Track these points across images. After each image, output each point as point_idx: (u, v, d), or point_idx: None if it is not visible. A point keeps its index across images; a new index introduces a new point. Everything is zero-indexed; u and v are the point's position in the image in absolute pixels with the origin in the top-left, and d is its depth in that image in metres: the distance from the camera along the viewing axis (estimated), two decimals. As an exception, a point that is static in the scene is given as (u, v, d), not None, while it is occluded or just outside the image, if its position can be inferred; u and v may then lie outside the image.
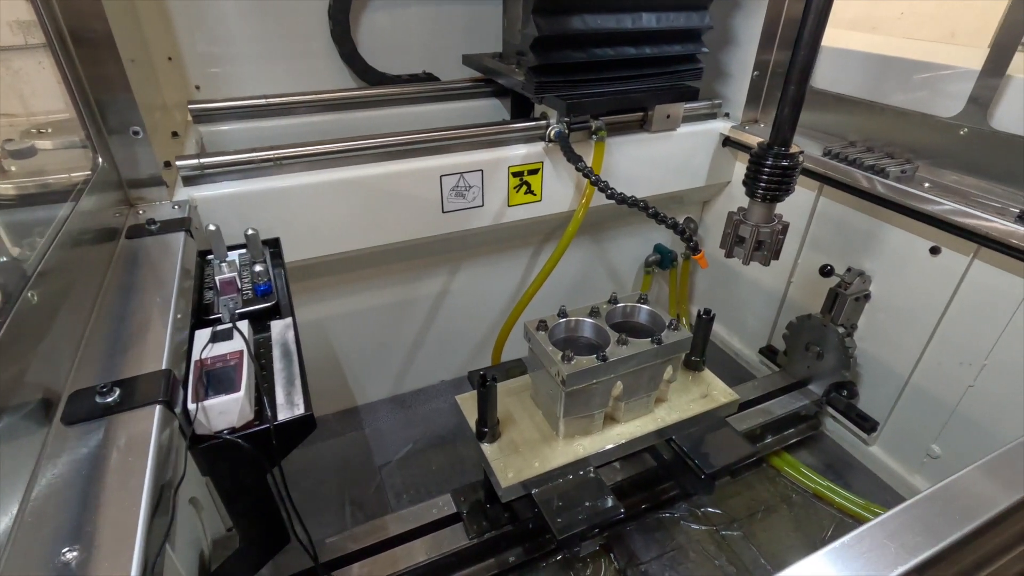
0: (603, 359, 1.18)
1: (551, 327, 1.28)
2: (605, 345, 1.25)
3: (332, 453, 1.83)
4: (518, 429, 1.32)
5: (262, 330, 1.02)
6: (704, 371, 1.50)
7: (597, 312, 1.32)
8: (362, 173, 1.49)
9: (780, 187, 1.26)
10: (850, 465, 1.76)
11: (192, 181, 1.37)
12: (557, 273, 2.02)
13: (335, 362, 1.89)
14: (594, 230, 2.11)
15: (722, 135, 1.94)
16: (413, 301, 1.91)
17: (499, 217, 1.73)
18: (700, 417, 1.38)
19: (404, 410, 2.00)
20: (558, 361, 1.18)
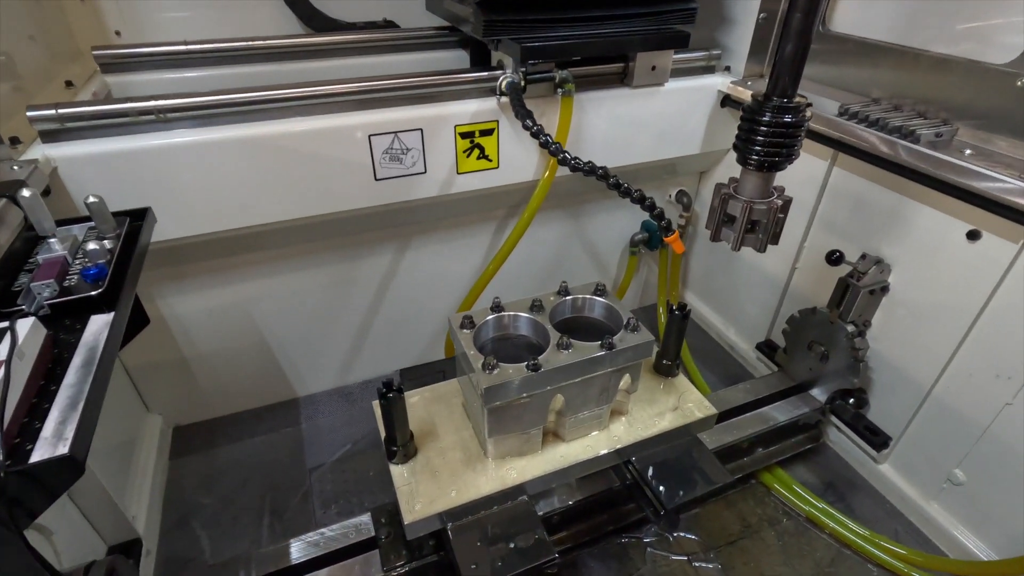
0: (534, 368, 0.93)
1: (478, 324, 1.03)
2: (545, 347, 0.99)
3: (260, 451, 1.62)
4: (440, 446, 1.08)
5: (75, 329, 0.78)
6: (678, 377, 1.24)
7: (539, 306, 1.06)
8: (269, 130, 1.24)
9: (780, 151, 0.98)
10: (854, 485, 1.50)
11: (52, 137, 1.13)
12: (526, 254, 1.76)
13: (266, 349, 1.67)
14: (570, 203, 1.83)
15: (720, 93, 1.64)
16: (356, 282, 1.67)
17: (447, 187, 1.46)
18: (668, 435, 1.13)
19: (348, 404, 1.78)
20: (478, 369, 0.93)
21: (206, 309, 1.53)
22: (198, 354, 1.59)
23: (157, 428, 1.61)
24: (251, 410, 1.74)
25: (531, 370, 0.93)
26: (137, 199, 1.10)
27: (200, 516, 1.45)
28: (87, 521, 1.16)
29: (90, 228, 0.97)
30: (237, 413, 1.74)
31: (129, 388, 1.56)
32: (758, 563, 1.34)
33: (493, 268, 1.54)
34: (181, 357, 1.57)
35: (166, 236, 1.26)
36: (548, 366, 0.94)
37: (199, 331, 1.56)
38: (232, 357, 1.64)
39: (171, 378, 1.60)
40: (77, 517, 1.13)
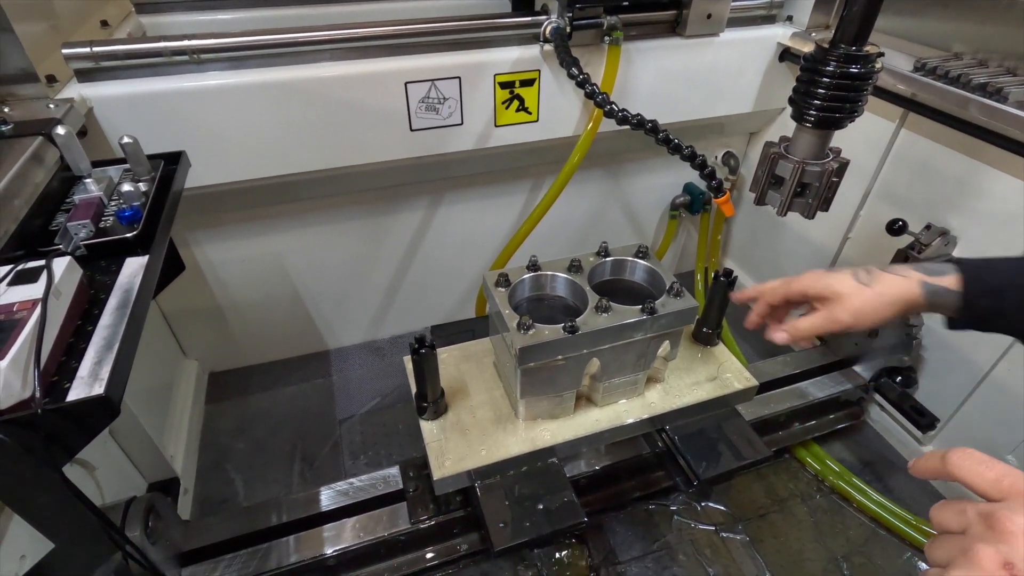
0: (571, 330, 0.89)
1: (514, 283, 0.99)
2: (582, 310, 0.96)
3: (292, 401, 1.65)
4: (470, 405, 1.06)
5: (111, 271, 0.77)
6: (718, 346, 1.19)
7: (578, 267, 1.02)
8: (302, 75, 1.20)
9: (843, 107, 0.89)
10: (894, 466, 1.45)
11: (87, 76, 1.11)
12: (562, 214, 1.70)
13: (298, 300, 1.67)
14: (610, 162, 1.75)
15: (780, 45, 1.52)
16: (387, 236, 1.65)
17: (484, 140, 1.41)
18: (705, 405, 1.09)
19: (378, 358, 1.79)
20: (513, 328, 0.90)
21: (240, 258, 1.53)
22: (232, 303, 1.60)
23: (193, 373, 1.65)
24: (283, 360, 1.76)
25: (568, 332, 0.89)
26: (172, 143, 1.09)
27: (234, 459, 1.48)
28: (128, 459, 1.19)
29: (125, 170, 0.96)
30: (270, 362, 1.76)
31: (167, 333, 1.59)
32: (787, 538, 1.31)
33: (528, 227, 1.49)
34: (216, 305, 1.59)
35: (200, 182, 1.25)
36: (585, 328, 0.90)
37: (233, 280, 1.56)
38: (265, 307, 1.65)
39: (207, 325, 1.62)
40: (118, 454, 1.17)
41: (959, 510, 0.40)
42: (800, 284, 0.74)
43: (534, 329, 0.90)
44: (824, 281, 0.71)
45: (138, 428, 1.19)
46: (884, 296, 0.66)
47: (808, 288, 0.73)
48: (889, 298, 0.65)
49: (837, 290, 0.69)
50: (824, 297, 0.71)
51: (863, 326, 0.68)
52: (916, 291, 0.65)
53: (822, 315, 0.70)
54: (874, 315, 0.66)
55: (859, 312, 0.67)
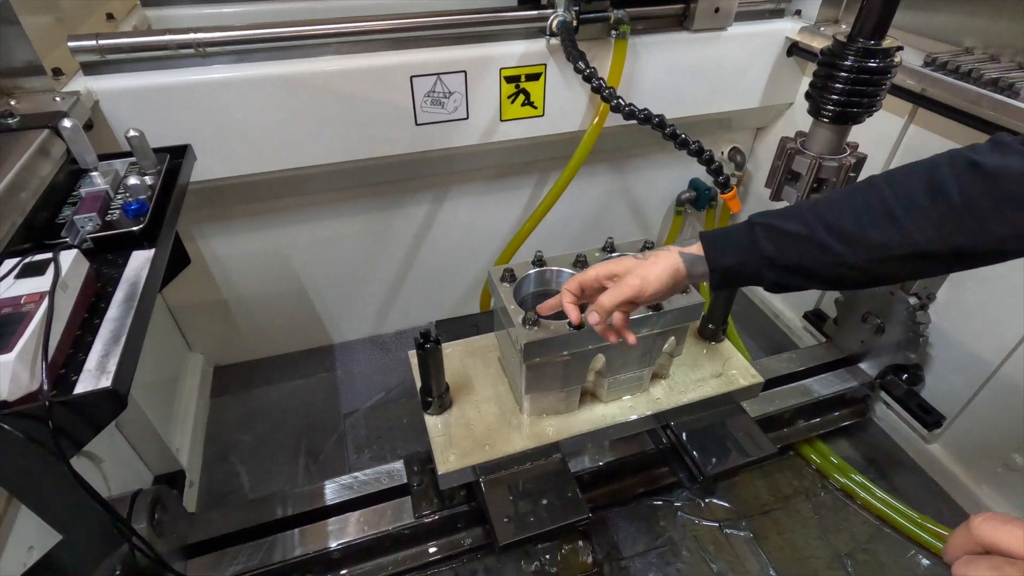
0: (577, 327, 0.89)
1: (519, 278, 0.99)
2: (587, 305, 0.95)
3: (296, 394, 1.65)
4: (475, 400, 1.06)
5: (117, 264, 0.77)
6: (723, 343, 1.19)
7: (583, 262, 1.01)
8: (307, 68, 1.19)
9: (861, 101, 0.88)
10: (899, 463, 1.44)
11: (93, 69, 1.11)
12: (568, 209, 1.70)
13: (303, 294, 1.67)
14: (615, 157, 1.75)
15: (788, 40, 1.51)
16: (392, 230, 1.65)
17: (489, 134, 1.40)
18: (710, 401, 1.08)
19: (382, 353, 1.79)
20: (518, 324, 0.90)
21: (245, 252, 1.53)
22: (237, 296, 1.61)
23: (199, 367, 1.65)
24: (288, 354, 1.77)
25: (573, 328, 0.89)
26: (177, 136, 1.09)
27: (239, 452, 1.49)
28: (134, 451, 1.20)
29: (131, 163, 0.96)
30: (274, 356, 1.77)
31: (172, 327, 1.59)
32: (791, 534, 1.31)
33: (533, 222, 1.49)
34: (221, 299, 1.59)
35: (205, 176, 1.25)
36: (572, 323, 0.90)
37: (238, 273, 1.57)
38: (270, 301, 1.65)
39: (212, 319, 1.63)
40: (125, 447, 1.17)
41: (993, 565, 0.39)
42: (589, 274, 0.79)
43: (539, 325, 0.89)
44: (608, 265, 0.78)
45: (144, 421, 1.20)
46: (658, 264, 0.73)
47: (598, 274, 0.78)
48: (662, 265, 0.73)
49: (624, 265, 0.76)
50: (614, 274, 0.76)
51: (650, 291, 0.73)
52: (677, 259, 0.73)
53: (616, 285, 0.75)
54: (656, 280, 0.72)
55: (644, 276, 0.72)
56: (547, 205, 1.47)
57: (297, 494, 1.19)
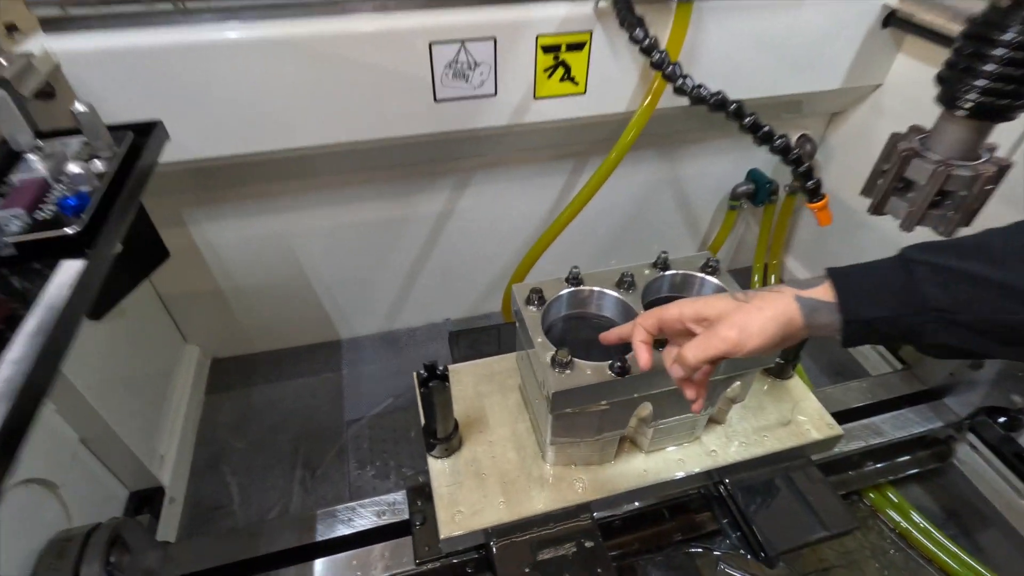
0: (621, 371, 0.70)
1: (549, 301, 0.80)
2: None
3: (298, 395, 1.51)
4: (489, 440, 0.89)
5: (43, 276, 0.61)
6: (791, 379, 0.98)
7: (630, 282, 0.82)
8: (309, 30, 1.00)
9: (1019, 89, 0.65)
10: (986, 519, 1.23)
11: (55, 26, 0.94)
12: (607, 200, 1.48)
13: (307, 285, 1.51)
14: (665, 142, 1.52)
15: (885, 8, 1.25)
16: (407, 219, 1.46)
17: (520, 114, 1.20)
18: (775, 456, 0.89)
19: (394, 352, 1.63)
20: (546, 365, 0.71)
21: (242, 239, 1.37)
22: (235, 286, 1.45)
23: (194, 359, 1.52)
24: (291, 349, 1.62)
25: (616, 373, 0.70)
26: (155, 109, 0.91)
27: (231, 460, 1.36)
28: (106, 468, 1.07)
29: (84, 143, 0.79)
30: (277, 351, 1.62)
31: (164, 317, 1.45)
32: (854, 600, 1.12)
33: (568, 215, 1.29)
34: (217, 288, 1.44)
35: (192, 155, 1.08)
36: (638, 369, 0.71)
37: (236, 261, 1.41)
38: (272, 291, 1.49)
39: (208, 309, 1.48)
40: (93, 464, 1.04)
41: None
42: (672, 312, 0.62)
43: (572, 368, 0.71)
44: (697, 304, 0.60)
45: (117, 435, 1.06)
46: (764, 310, 0.56)
47: (682, 314, 0.61)
48: (770, 312, 0.56)
49: (717, 308, 0.58)
50: (703, 318, 0.59)
51: (751, 345, 0.55)
52: (792, 305, 0.56)
53: (705, 335, 0.57)
54: (760, 333, 0.55)
55: (744, 326, 0.55)
56: (585, 196, 1.26)
57: (285, 525, 1.05)
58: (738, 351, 0.55)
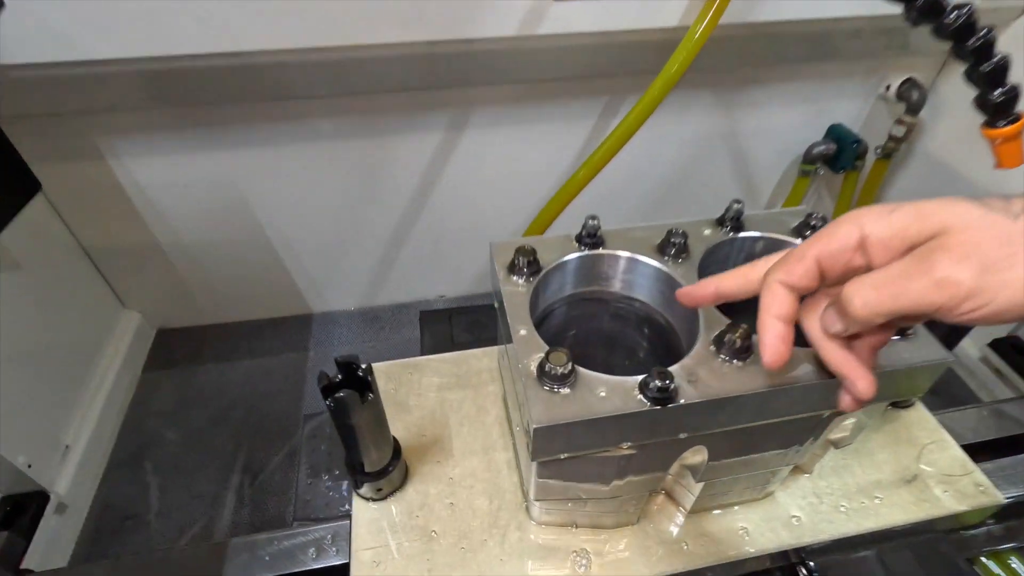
0: (662, 398, 0.39)
1: (547, 270, 0.49)
2: (683, 343, 0.45)
3: (250, 378, 1.25)
4: (450, 475, 0.59)
5: None
6: (914, 407, 0.66)
7: (681, 245, 0.50)
8: None
9: None
10: None
11: None
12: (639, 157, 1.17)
13: (267, 246, 1.23)
14: (723, 83, 1.18)
15: None
16: (390, 167, 1.16)
17: (533, 22, 0.88)
18: (892, 532, 0.57)
19: (374, 332, 1.35)
20: (530, 376, 0.41)
21: (181, 182, 1.09)
22: (176, 242, 1.18)
23: (132, 328, 1.26)
24: (250, 322, 1.36)
25: (654, 401, 0.39)
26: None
27: (158, 456, 1.10)
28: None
29: None
30: (234, 323, 1.36)
31: (93, 276, 1.19)
32: None
33: (591, 169, 0.97)
34: (154, 243, 1.17)
35: (91, 56, 0.80)
36: (693, 392, 0.39)
37: (174, 211, 1.14)
38: (223, 251, 1.22)
39: (149, 270, 1.22)
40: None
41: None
42: (844, 234, 0.32)
43: (574, 386, 0.40)
44: (904, 213, 0.30)
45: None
46: None
47: (872, 233, 0.31)
48: None
49: (946, 216, 0.28)
50: (911, 243, 0.29)
51: (1002, 301, 0.26)
52: None
53: (903, 269, 0.29)
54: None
55: (992, 263, 0.26)
56: (615, 146, 0.94)
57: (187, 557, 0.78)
58: (967, 309, 0.27)
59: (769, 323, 0.34)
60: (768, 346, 0.34)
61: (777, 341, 0.34)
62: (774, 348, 0.34)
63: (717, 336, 0.42)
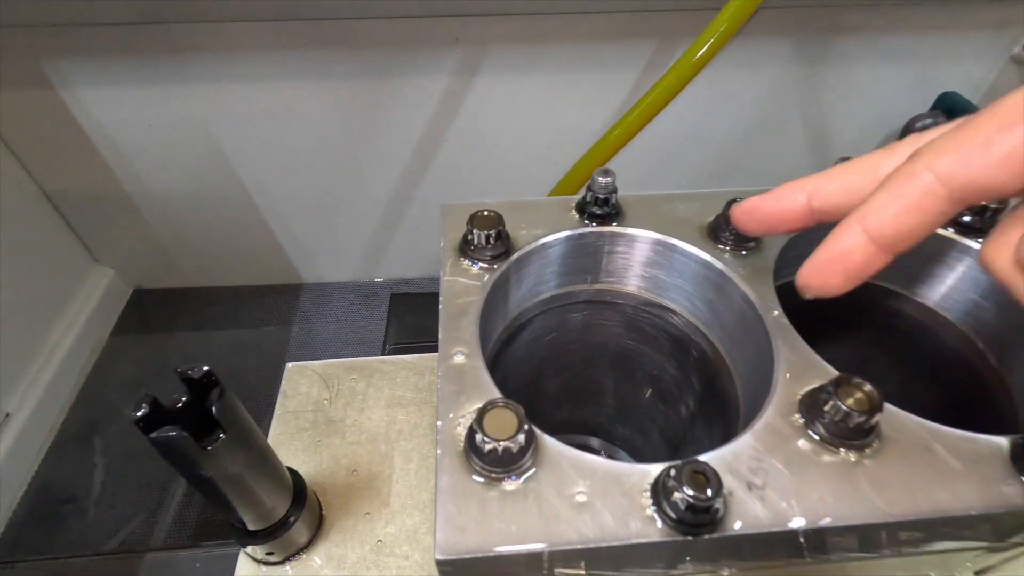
0: (697, 523, 0.19)
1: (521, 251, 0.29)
2: (735, 390, 0.25)
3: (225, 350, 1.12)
4: (381, 534, 0.42)
5: None
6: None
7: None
8: None
9: None
10: None
11: None
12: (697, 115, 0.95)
13: (249, 202, 1.08)
14: (807, 28, 0.94)
15: None
16: (390, 115, 0.98)
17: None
18: None
19: (370, 309, 1.19)
20: (447, 462, 0.22)
21: (144, 121, 0.94)
22: (145, 191, 1.04)
23: (103, 285, 1.14)
24: (235, 288, 1.21)
25: (678, 522, 0.19)
26: None
27: (110, 433, 0.98)
28: None
29: None
30: (216, 288, 1.22)
31: (58, 224, 1.07)
32: None
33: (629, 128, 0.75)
34: (120, 191, 1.03)
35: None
36: (757, 512, 0.20)
37: (141, 154, 0.99)
38: (199, 204, 1.07)
39: (120, 222, 1.09)
40: None
41: None
42: None
43: (524, 474, 0.21)
44: None
45: None
46: None
47: None
48: None
49: None
50: None
51: None
52: None
53: None
54: None
55: None
56: (662, 98, 0.73)
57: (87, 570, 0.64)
58: None
59: (854, 231, 0.18)
60: (825, 262, 0.19)
61: (844, 259, 0.19)
62: (830, 268, 0.19)
63: (810, 395, 0.23)
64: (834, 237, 0.19)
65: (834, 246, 0.19)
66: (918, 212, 0.17)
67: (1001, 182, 0.17)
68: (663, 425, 0.38)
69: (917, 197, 0.17)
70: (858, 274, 0.19)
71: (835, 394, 0.21)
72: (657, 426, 0.39)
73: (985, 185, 0.17)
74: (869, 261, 0.18)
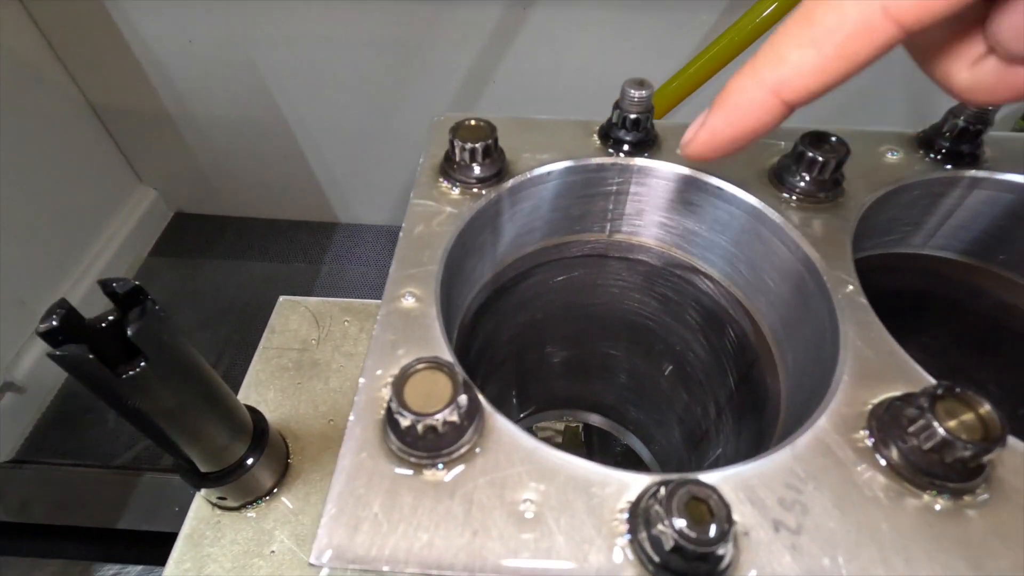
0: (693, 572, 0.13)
1: (517, 178, 0.23)
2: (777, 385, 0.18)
3: (255, 281, 1.10)
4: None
5: None
6: None
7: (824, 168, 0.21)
8: None
9: None
10: None
11: None
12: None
13: (287, 134, 1.04)
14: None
15: None
16: (436, 46, 0.91)
17: None
18: None
19: (398, 256, 1.14)
20: (356, 436, 0.16)
21: (189, 38, 0.90)
22: (187, 112, 1.02)
23: (145, 204, 1.14)
24: (271, 220, 1.20)
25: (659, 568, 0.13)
26: None
27: (137, 350, 0.98)
28: None
29: None
30: (254, 219, 1.20)
31: (104, 139, 1.06)
32: None
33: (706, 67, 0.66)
34: (164, 112, 1.01)
35: None
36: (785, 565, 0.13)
37: (182, 71, 0.96)
38: (238, 130, 1.05)
39: (162, 142, 1.08)
40: None
41: None
42: None
43: (458, 462, 0.15)
44: None
45: None
46: None
47: None
48: None
49: None
50: None
51: None
52: None
53: None
54: None
55: None
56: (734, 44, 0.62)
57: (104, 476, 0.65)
58: None
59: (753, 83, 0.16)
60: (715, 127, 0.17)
61: (737, 118, 0.17)
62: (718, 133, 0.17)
63: (887, 406, 0.16)
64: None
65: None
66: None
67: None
68: (683, 414, 0.32)
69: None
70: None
71: (930, 410, 0.14)
72: (676, 414, 0.32)
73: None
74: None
